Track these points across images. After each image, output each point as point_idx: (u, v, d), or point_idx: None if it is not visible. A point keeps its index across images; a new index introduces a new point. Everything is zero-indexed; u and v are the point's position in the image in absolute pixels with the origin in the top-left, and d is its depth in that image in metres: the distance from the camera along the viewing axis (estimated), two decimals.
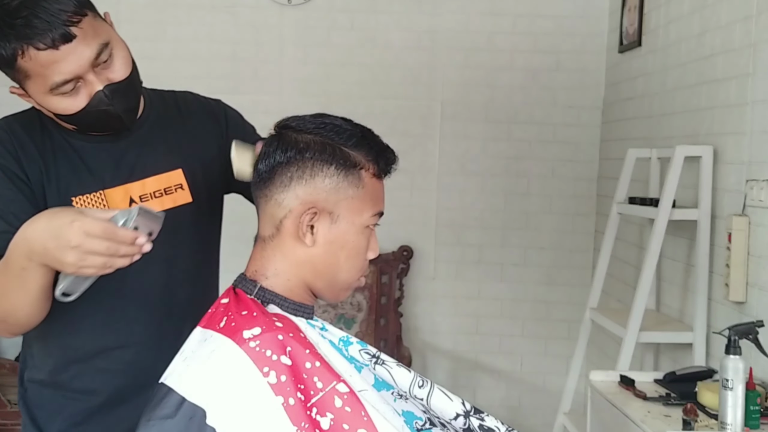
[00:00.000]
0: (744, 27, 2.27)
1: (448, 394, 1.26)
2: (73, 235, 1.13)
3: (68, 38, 1.23)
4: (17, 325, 1.31)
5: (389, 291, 3.62)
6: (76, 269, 1.16)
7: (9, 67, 1.27)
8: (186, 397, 1.07)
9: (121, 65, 1.32)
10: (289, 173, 1.16)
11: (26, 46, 1.22)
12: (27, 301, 1.25)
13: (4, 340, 3.68)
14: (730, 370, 1.72)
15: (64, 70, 1.25)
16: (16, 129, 1.38)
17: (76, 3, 1.24)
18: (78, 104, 1.30)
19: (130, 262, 1.19)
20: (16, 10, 1.21)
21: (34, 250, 1.17)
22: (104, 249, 1.14)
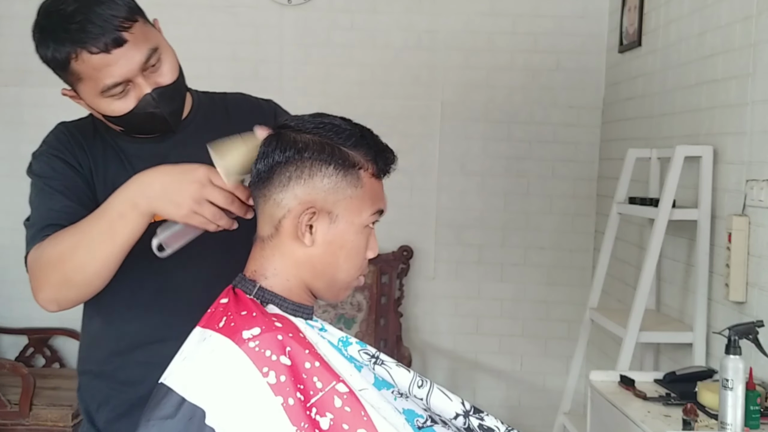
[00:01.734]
0: (744, 27, 2.27)
1: (447, 394, 1.26)
2: (199, 177, 1.21)
3: (120, 43, 1.29)
4: (79, 286, 1.32)
5: (389, 291, 3.62)
6: (189, 213, 1.21)
7: (62, 70, 1.34)
8: (186, 397, 1.07)
9: (168, 69, 1.38)
10: (288, 173, 1.16)
11: (80, 49, 1.28)
12: (105, 255, 1.28)
13: (5, 339, 3.68)
14: (730, 370, 1.71)
15: (115, 74, 1.31)
16: (72, 130, 1.49)
17: (127, 9, 1.31)
18: (126, 106, 1.36)
19: (231, 226, 1.25)
20: (71, 15, 1.28)
21: (151, 191, 1.23)
22: (221, 200, 1.21)
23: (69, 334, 3.65)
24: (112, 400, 1.48)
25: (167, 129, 1.43)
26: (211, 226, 1.25)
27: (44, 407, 3.07)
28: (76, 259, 1.30)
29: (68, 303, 1.36)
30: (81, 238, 1.30)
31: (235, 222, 1.27)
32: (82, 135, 1.48)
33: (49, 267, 1.33)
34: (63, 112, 1.47)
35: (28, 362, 3.59)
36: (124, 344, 1.48)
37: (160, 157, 1.43)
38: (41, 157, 1.47)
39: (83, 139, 1.47)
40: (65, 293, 1.34)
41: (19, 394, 3.05)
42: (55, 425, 3.05)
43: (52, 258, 1.32)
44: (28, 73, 3.66)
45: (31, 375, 3.07)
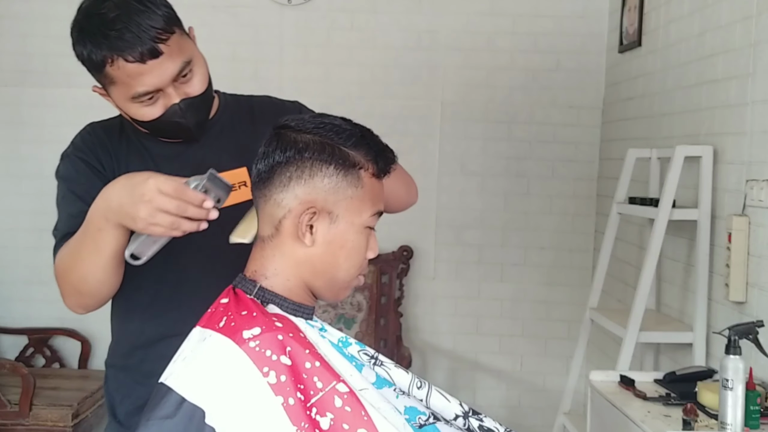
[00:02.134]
0: (744, 27, 2.27)
1: (446, 396, 1.26)
2: (147, 190, 1.21)
3: (155, 54, 1.33)
4: (90, 294, 1.38)
5: (389, 291, 3.62)
6: (146, 225, 1.22)
7: (96, 71, 1.37)
8: (185, 397, 1.07)
9: (198, 81, 1.41)
10: (288, 173, 1.16)
11: (116, 56, 1.32)
12: (100, 266, 1.32)
13: (5, 339, 3.68)
14: (730, 370, 1.71)
15: (147, 83, 1.34)
16: (98, 131, 1.53)
17: (166, 20, 1.34)
18: (154, 113, 1.39)
19: (197, 228, 1.25)
20: (112, 21, 1.31)
21: (111, 207, 1.25)
22: (174, 208, 1.21)
23: (69, 334, 3.65)
24: (134, 392, 1.51)
25: (190, 138, 1.47)
26: (174, 233, 1.25)
27: (44, 407, 3.07)
28: (77, 271, 1.35)
29: (92, 307, 1.42)
30: (75, 253, 1.35)
31: (203, 223, 1.26)
32: (108, 136, 1.51)
33: (61, 278, 1.39)
34: (63, 112, 1.48)
35: (28, 362, 3.59)
36: (144, 338, 1.51)
37: (184, 157, 1.48)
38: (66, 159, 1.53)
39: (108, 139, 1.51)
40: (82, 300, 1.40)
41: (19, 394, 3.05)
42: (55, 425, 3.05)
43: (61, 270, 1.39)
44: (28, 73, 3.66)
45: (31, 375, 3.07)
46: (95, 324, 3.69)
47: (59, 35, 3.91)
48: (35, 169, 3.66)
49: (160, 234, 1.25)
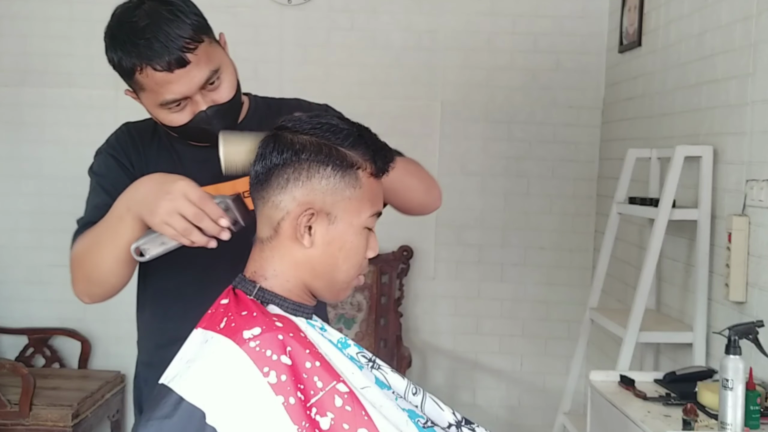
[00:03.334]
0: (744, 27, 2.27)
1: (439, 404, 1.26)
2: (174, 189, 1.24)
3: (183, 63, 1.36)
4: (99, 283, 1.40)
5: (389, 291, 3.62)
6: (161, 222, 1.25)
7: (127, 77, 1.41)
8: (185, 397, 1.07)
9: (226, 88, 1.44)
10: (286, 175, 1.16)
11: (145, 64, 1.35)
12: (113, 255, 1.34)
13: (5, 339, 3.68)
14: (730, 370, 1.71)
15: (174, 91, 1.38)
16: (132, 131, 1.57)
17: (194, 30, 1.38)
18: (182, 119, 1.42)
19: (206, 243, 1.27)
20: (142, 30, 1.34)
21: (136, 197, 1.29)
22: (191, 214, 1.24)
23: (69, 334, 3.65)
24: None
25: (217, 144, 1.46)
26: (184, 240, 1.26)
27: (44, 407, 3.07)
28: (91, 258, 1.38)
29: (97, 297, 1.44)
30: (93, 239, 1.38)
31: (212, 241, 1.27)
32: (140, 136, 1.56)
33: (75, 264, 1.42)
34: (63, 112, 1.49)
35: (28, 362, 3.59)
36: (167, 337, 1.51)
37: (213, 161, 1.48)
38: (99, 155, 1.57)
39: (141, 140, 1.55)
40: (91, 288, 1.42)
41: (19, 394, 3.05)
42: (55, 425, 3.05)
43: (76, 256, 1.42)
44: (28, 73, 3.66)
45: (31, 375, 3.07)
46: (95, 324, 3.70)
47: (59, 35, 3.94)
48: (35, 169, 3.66)
49: (171, 236, 1.27)
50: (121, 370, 3.62)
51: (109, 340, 3.69)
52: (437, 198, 1.67)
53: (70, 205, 3.74)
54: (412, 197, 1.59)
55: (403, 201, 1.58)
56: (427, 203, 1.64)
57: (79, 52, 3.62)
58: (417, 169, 1.62)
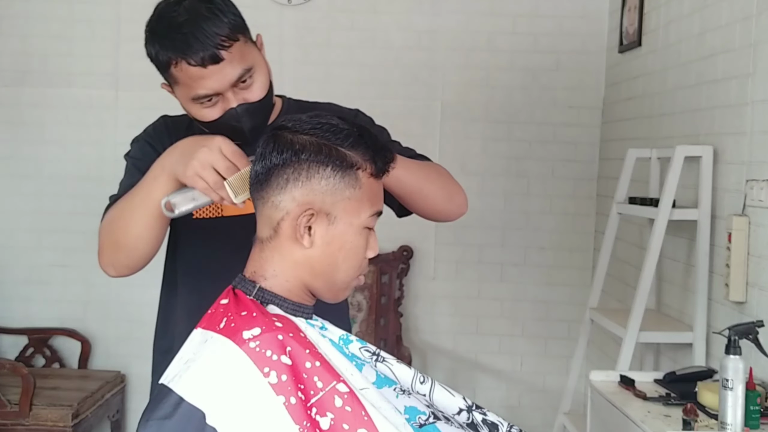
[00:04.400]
0: (744, 27, 2.27)
1: (450, 390, 1.26)
2: (210, 143, 1.29)
3: (216, 60, 1.39)
4: (126, 248, 1.42)
5: (389, 291, 3.62)
6: (193, 175, 1.29)
7: (163, 70, 1.45)
8: (185, 397, 1.07)
9: (258, 88, 1.47)
10: (285, 175, 1.16)
11: (180, 58, 1.39)
12: (145, 216, 1.38)
13: (5, 339, 3.68)
14: (730, 370, 1.72)
15: (207, 86, 1.41)
16: (168, 123, 1.62)
17: (231, 28, 1.41)
18: (212, 115, 1.45)
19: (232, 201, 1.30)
20: (180, 25, 1.38)
21: (173, 154, 1.34)
22: (223, 168, 1.28)
23: (69, 334, 3.65)
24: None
25: (246, 142, 1.49)
26: (213, 195, 1.30)
27: (44, 407, 3.07)
28: (122, 221, 1.41)
29: (122, 268, 1.46)
30: (126, 203, 1.41)
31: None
32: (176, 128, 1.59)
33: (104, 231, 1.45)
34: (63, 112, 1.50)
35: (28, 362, 3.59)
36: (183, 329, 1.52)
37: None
38: (138, 142, 1.60)
39: (176, 132, 1.57)
40: (117, 256, 1.44)
41: (19, 394, 3.05)
42: (55, 425, 3.05)
43: (107, 222, 1.45)
44: (28, 73, 3.66)
45: (31, 375, 3.07)
46: (95, 324, 3.70)
47: (59, 35, 3.94)
48: (35, 169, 3.66)
49: (202, 189, 1.29)
50: (121, 370, 3.62)
51: (109, 340, 3.69)
52: (461, 205, 1.65)
53: (70, 205, 3.79)
54: (432, 204, 1.58)
55: (422, 208, 1.59)
56: (449, 210, 1.63)
57: (79, 52, 3.63)
58: (439, 175, 1.61)
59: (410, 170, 1.51)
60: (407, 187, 1.51)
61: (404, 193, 1.52)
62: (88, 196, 3.63)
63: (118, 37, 3.58)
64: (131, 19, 3.58)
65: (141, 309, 3.64)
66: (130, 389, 3.66)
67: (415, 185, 1.52)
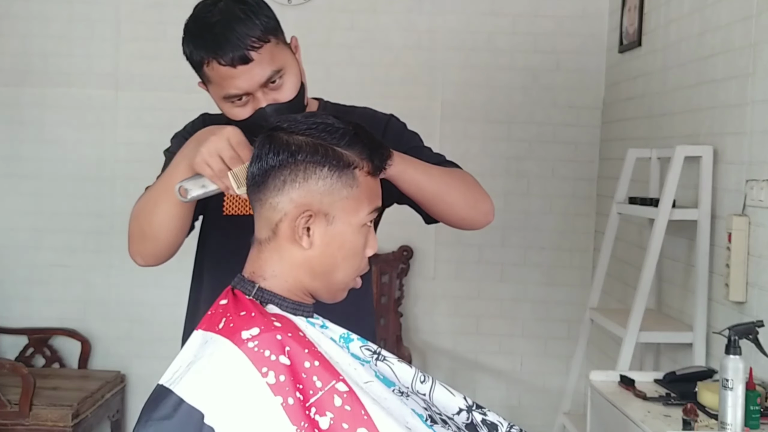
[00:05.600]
0: (744, 27, 2.27)
1: (450, 390, 1.26)
2: (219, 132, 1.33)
3: (245, 61, 1.42)
4: (152, 238, 1.47)
5: (389, 291, 3.62)
6: (201, 161, 1.32)
7: (197, 69, 1.49)
8: (184, 398, 1.07)
9: (288, 89, 1.50)
10: (282, 177, 1.15)
11: (211, 58, 1.43)
12: (167, 207, 1.42)
13: (5, 339, 3.68)
14: (730, 370, 1.71)
15: (237, 86, 1.44)
16: (207, 120, 1.65)
17: (262, 30, 1.43)
18: (243, 114, 1.48)
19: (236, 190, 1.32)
20: (213, 25, 1.42)
21: (190, 144, 1.38)
22: (228, 156, 1.31)
23: (69, 334, 3.65)
24: None
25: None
26: (218, 182, 1.33)
27: (44, 407, 3.07)
28: (146, 211, 1.46)
29: (149, 258, 1.51)
30: (151, 193, 1.46)
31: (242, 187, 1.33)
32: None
33: (132, 221, 1.50)
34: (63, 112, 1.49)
35: (28, 362, 3.59)
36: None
37: None
38: (176, 138, 1.63)
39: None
40: (143, 246, 1.49)
41: (19, 394, 3.05)
42: (55, 425, 3.05)
43: (135, 212, 1.49)
44: (28, 73, 3.66)
45: (31, 375, 3.07)
46: (95, 324, 3.70)
47: (59, 35, 3.94)
48: (35, 169, 3.66)
49: (208, 176, 1.33)
50: (121, 370, 3.62)
51: (109, 340, 3.69)
52: (487, 213, 1.64)
53: (70, 205, 3.78)
54: (455, 211, 1.57)
55: (445, 214, 1.57)
56: (473, 218, 1.62)
57: (79, 52, 3.63)
58: (462, 182, 1.59)
59: (432, 176, 1.50)
60: (427, 193, 1.50)
61: (425, 199, 1.51)
62: (88, 196, 3.64)
63: (118, 37, 3.58)
64: (131, 19, 3.58)
65: (141, 309, 3.65)
66: (130, 389, 3.67)
67: (435, 191, 1.51)
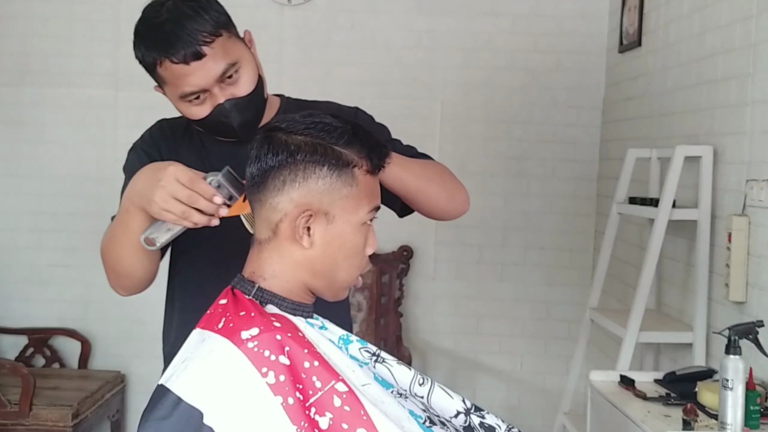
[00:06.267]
0: (744, 27, 2.27)
1: (448, 392, 1.25)
2: (164, 176, 1.27)
3: (198, 56, 1.40)
4: (125, 275, 1.45)
5: (389, 291, 3.62)
6: (159, 210, 1.27)
7: (151, 72, 1.46)
8: (183, 398, 1.07)
9: (245, 82, 1.47)
10: (282, 177, 1.15)
11: (163, 58, 1.41)
12: (129, 248, 1.39)
13: (5, 339, 3.68)
14: (730, 370, 1.71)
15: (192, 83, 1.42)
16: (165, 127, 1.62)
17: (213, 24, 1.42)
18: (202, 112, 1.46)
19: (208, 222, 1.30)
20: (161, 24, 1.41)
21: (135, 190, 1.33)
22: (185, 197, 1.26)
23: (69, 334, 3.65)
24: None
25: (236, 138, 1.50)
26: (185, 222, 1.29)
27: (44, 407, 3.07)
28: (112, 253, 1.44)
29: (132, 289, 1.49)
30: (111, 234, 1.43)
31: (214, 219, 1.30)
32: (173, 132, 1.61)
33: (103, 259, 1.48)
34: (63, 112, 1.49)
35: (28, 362, 3.59)
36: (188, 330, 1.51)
37: (239, 157, 1.48)
38: (133, 151, 1.60)
39: (173, 135, 1.60)
40: (120, 281, 1.48)
41: (19, 394, 3.05)
42: (55, 425, 3.05)
43: (103, 249, 1.47)
44: (28, 73, 3.66)
45: (31, 375, 3.07)
46: (95, 324, 3.70)
47: (59, 35, 3.94)
48: (35, 169, 3.66)
49: (172, 221, 1.29)
50: (121, 370, 3.62)
51: (109, 340, 3.69)
52: (463, 203, 1.65)
53: (70, 205, 3.78)
54: (435, 204, 1.58)
55: (425, 207, 1.59)
56: (451, 209, 1.64)
57: (79, 52, 3.63)
58: (440, 175, 1.61)
59: (412, 170, 1.51)
60: (410, 188, 1.51)
61: (407, 193, 1.53)
62: (88, 196, 3.63)
63: (118, 37, 3.58)
64: (131, 19, 3.55)
65: (141, 309, 3.65)
66: (130, 389, 3.67)
67: (417, 185, 1.52)
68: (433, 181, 1.58)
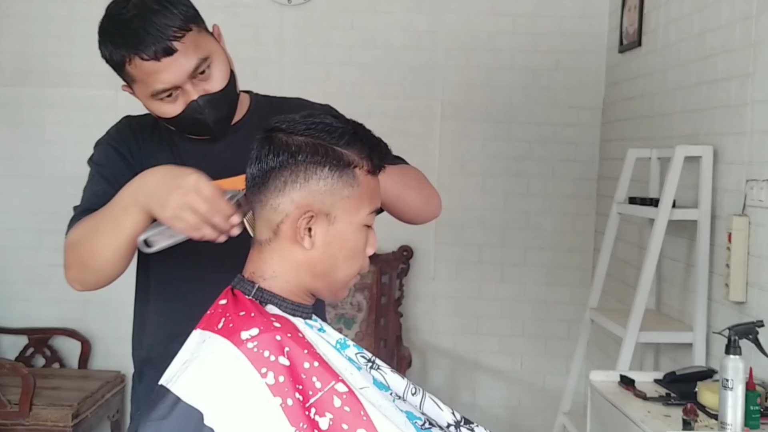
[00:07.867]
0: (744, 27, 2.27)
1: (438, 404, 1.25)
2: (186, 183, 1.23)
3: (169, 52, 1.36)
4: (94, 271, 1.38)
5: (389, 291, 3.62)
6: (171, 216, 1.24)
7: (119, 70, 1.42)
8: (182, 398, 1.07)
9: (217, 78, 1.44)
10: (283, 178, 1.15)
11: (133, 55, 1.36)
12: (113, 246, 1.33)
13: (5, 339, 3.68)
14: (730, 370, 1.71)
15: (164, 80, 1.38)
16: (133, 124, 1.57)
17: (182, 19, 1.38)
18: (175, 110, 1.42)
19: (215, 238, 1.26)
20: (129, 21, 1.36)
21: (144, 189, 1.27)
22: (203, 210, 1.23)
23: (69, 334, 3.65)
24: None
25: (211, 135, 1.48)
26: (194, 234, 1.25)
27: (44, 407, 3.07)
28: (89, 245, 1.36)
29: (90, 285, 1.42)
30: (94, 227, 1.36)
31: (222, 236, 1.27)
32: (141, 129, 1.56)
33: (71, 249, 1.40)
34: (63, 112, 1.49)
35: (28, 362, 3.59)
36: (164, 334, 1.52)
37: (211, 156, 1.48)
38: (100, 146, 1.56)
39: (141, 133, 1.55)
40: (84, 275, 1.40)
41: (19, 394, 3.05)
42: (55, 425, 3.05)
43: (74, 241, 1.40)
44: (28, 73, 3.66)
45: (31, 375, 3.07)
46: (95, 324, 3.70)
47: (59, 35, 3.94)
48: (35, 169, 3.66)
49: (181, 230, 1.26)
50: (121, 370, 3.62)
51: (109, 340, 3.69)
52: (436, 207, 1.66)
53: (70, 205, 3.75)
54: (411, 210, 1.59)
55: (401, 213, 1.59)
56: (426, 214, 1.65)
57: (79, 52, 3.62)
58: (416, 181, 1.60)
59: (392, 177, 1.49)
60: (389, 194, 1.49)
61: (385, 199, 1.50)
62: None
63: None
64: None
65: None
66: (129, 389, 3.66)
67: (397, 192, 1.51)
68: (411, 187, 1.57)
